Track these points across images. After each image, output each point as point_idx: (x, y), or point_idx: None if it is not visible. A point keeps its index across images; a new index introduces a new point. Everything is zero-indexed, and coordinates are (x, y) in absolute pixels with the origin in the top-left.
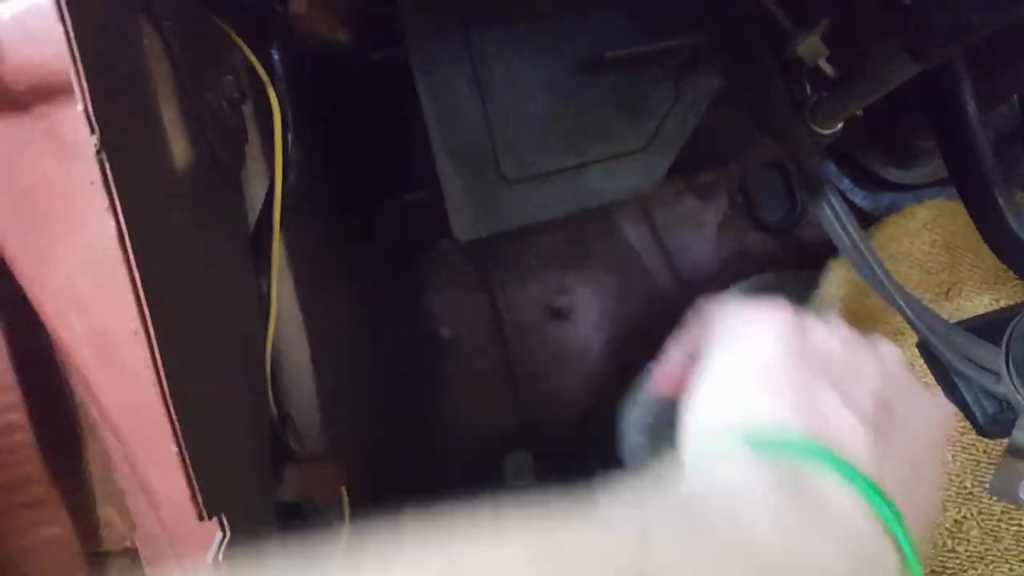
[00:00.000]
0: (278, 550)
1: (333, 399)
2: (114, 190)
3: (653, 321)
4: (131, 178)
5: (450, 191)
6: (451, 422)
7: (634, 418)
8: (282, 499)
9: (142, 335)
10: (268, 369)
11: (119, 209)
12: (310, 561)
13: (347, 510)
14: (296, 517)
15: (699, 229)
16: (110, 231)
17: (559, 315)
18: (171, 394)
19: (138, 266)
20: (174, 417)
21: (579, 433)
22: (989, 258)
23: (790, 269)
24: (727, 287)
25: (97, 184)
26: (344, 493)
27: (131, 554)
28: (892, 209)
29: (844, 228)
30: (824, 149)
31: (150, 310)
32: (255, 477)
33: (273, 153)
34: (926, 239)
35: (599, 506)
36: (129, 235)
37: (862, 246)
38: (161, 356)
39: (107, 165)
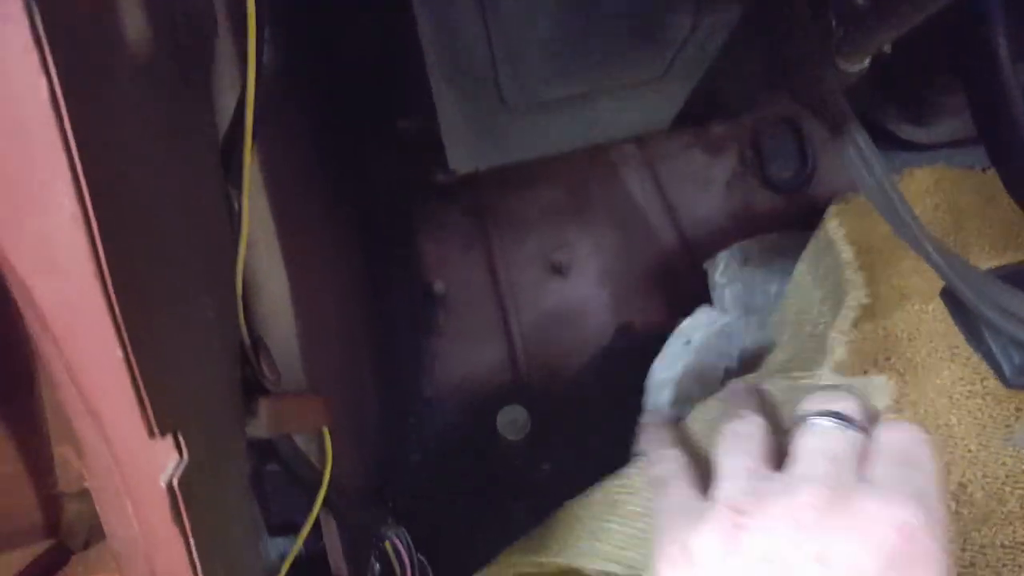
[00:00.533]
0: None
1: (314, 336)
2: (46, 45)
3: (655, 279)
4: (71, 40)
5: (446, 117)
6: (443, 373)
7: (659, 373)
8: (254, 435)
9: (80, 219)
10: (239, 289)
11: (52, 68)
12: None
13: (330, 451)
14: (272, 457)
15: (706, 185)
16: (42, 93)
17: (558, 270)
18: (115, 290)
19: (76, 137)
20: (119, 317)
21: (575, 390)
22: (998, 226)
23: (797, 230)
24: (730, 245)
25: (28, 41)
26: (327, 432)
27: (90, 495)
28: (903, 171)
29: (869, 167)
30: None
31: (90, 191)
32: (221, 403)
33: (247, 59)
34: (928, 203)
35: None
36: (65, 98)
37: (888, 186)
38: (103, 245)
39: (35, 10)
